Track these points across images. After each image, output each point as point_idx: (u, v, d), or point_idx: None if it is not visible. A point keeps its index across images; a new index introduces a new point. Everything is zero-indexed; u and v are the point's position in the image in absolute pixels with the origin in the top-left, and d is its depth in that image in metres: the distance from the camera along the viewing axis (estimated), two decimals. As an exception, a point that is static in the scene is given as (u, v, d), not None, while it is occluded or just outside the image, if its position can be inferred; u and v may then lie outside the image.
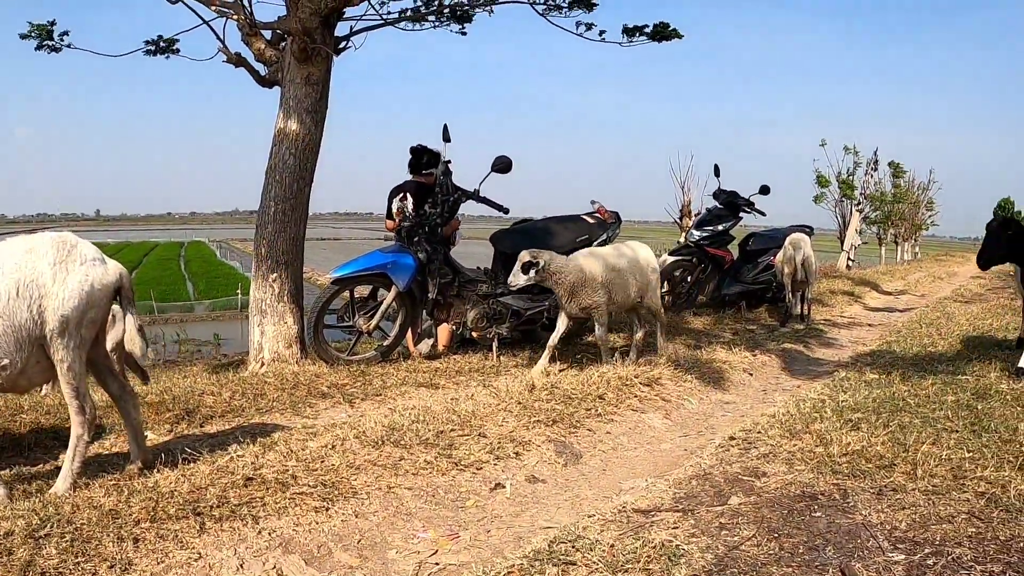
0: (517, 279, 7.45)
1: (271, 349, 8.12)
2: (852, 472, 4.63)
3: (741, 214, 12.83)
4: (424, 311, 8.68)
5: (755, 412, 6.72)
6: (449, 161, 8.37)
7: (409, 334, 8.82)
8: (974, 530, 3.79)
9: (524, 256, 7.42)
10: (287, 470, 4.71)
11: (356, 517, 4.35)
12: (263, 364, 8.08)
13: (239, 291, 44.41)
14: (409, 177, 8.94)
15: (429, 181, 8.69)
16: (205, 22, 8.62)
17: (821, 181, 32.93)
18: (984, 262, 7.92)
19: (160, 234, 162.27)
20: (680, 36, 9.30)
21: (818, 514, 4.05)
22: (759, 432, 5.51)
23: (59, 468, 4.68)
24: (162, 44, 9.33)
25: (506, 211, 8.68)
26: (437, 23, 9.99)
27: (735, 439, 5.44)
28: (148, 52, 9.36)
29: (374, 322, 8.32)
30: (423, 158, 8.78)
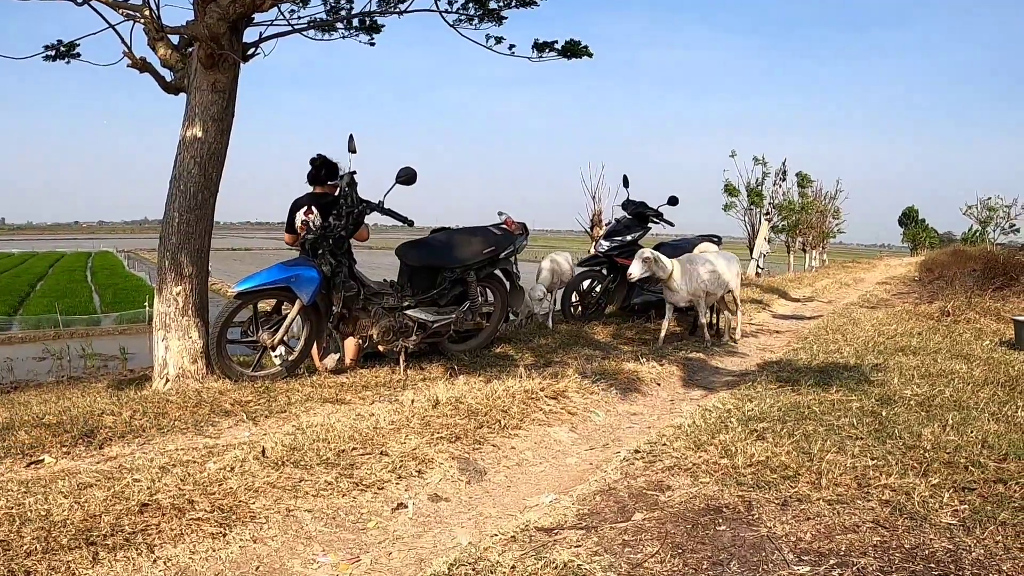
0: None
1: (176, 365, 7.93)
2: (757, 483, 4.64)
3: (650, 224, 12.93)
4: (329, 325, 8.55)
5: (662, 423, 6.72)
6: (355, 172, 8.26)
7: (315, 349, 8.70)
8: (879, 539, 3.82)
9: None
10: (184, 494, 4.56)
11: (254, 543, 4.22)
12: (167, 380, 7.89)
13: (147, 303, 43.63)
14: (309, 189, 8.82)
15: (330, 192, 8.59)
16: (111, 26, 8.39)
17: (730, 190, 33.42)
18: None
19: (67, 243, 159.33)
20: (590, 55, 9.25)
21: (722, 528, 4.04)
22: (664, 444, 5.51)
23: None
24: (62, 49, 9.06)
25: (411, 223, 8.59)
26: (346, 33, 9.88)
27: (640, 452, 5.43)
28: (47, 58, 9.09)
29: (278, 336, 8.19)
30: (322, 170, 8.67)
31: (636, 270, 10.15)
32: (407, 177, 8.23)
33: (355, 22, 9.82)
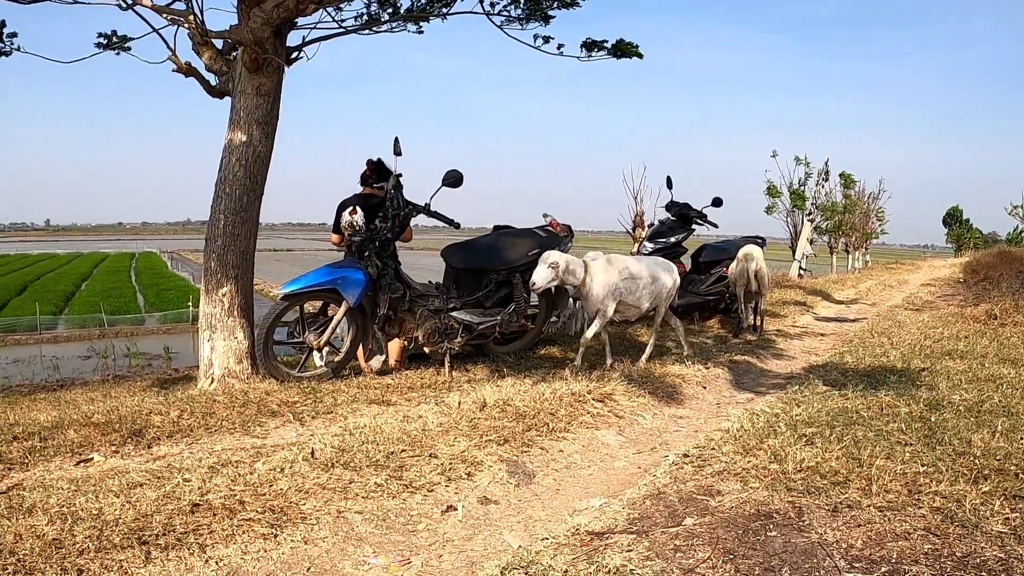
0: None
1: (221, 365, 8.01)
2: (807, 489, 4.59)
3: (693, 226, 12.86)
4: (375, 326, 8.60)
5: (709, 427, 6.68)
6: (400, 175, 8.31)
7: (360, 350, 8.74)
8: (930, 547, 3.78)
9: None
10: (235, 495, 4.60)
11: (305, 544, 4.24)
12: (213, 380, 7.97)
13: (190, 303, 44.17)
14: (359, 189, 8.86)
15: (378, 194, 8.63)
16: (155, 30, 8.47)
17: (772, 192, 33.20)
18: None
19: (111, 244, 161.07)
20: (640, 55, 9.20)
21: (773, 534, 4.01)
22: (713, 448, 5.46)
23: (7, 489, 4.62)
24: (115, 40, 9.13)
25: (457, 225, 8.62)
26: (393, 25, 9.88)
27: (689, 456, 5.39)
28: (99, 46, 9.16)
29: (324, 338, 8.25)
30: (375, 172, 8.72)
31: (540, 277, 8.33)
32: (454, 179, 8.24)
33: (401, 12, 9.81)
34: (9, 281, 66.61)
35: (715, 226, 13.09)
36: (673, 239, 12.55)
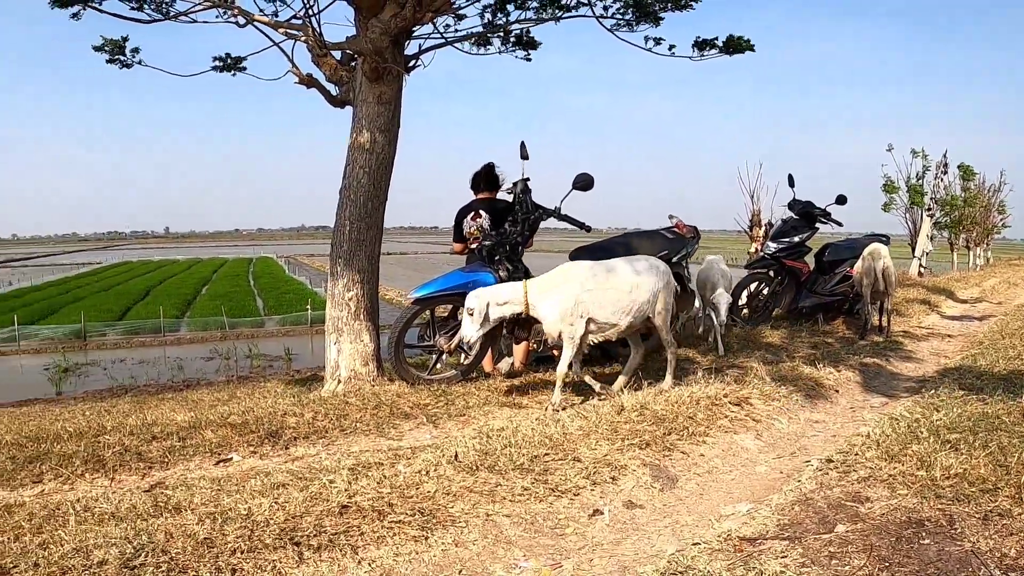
0: None
1: (348, 367, 8.16)
2: (956, 496, 4.49)
3: (817, 224, 12.67)
4: (504, 330, 8.65)
5: (846, 431, 6.60)
6: (528, 179, 8.35)
7: (488, 353, 8.80)
8: (1086, 557, 3.68)
9: None
10: (382, 497, 4.66)
11: (456, 546, 4.29)
12: (339, 382, 8.13)
13: (308, 307, 44.95)
14: (473, 196, 8.95)
15: (491, 197, 8.73)
16: (275, 43, 8.67)
17: (889, 188, 32.46)
18: None
19: (229, 250, 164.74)
20: (752, 48, 9.10)
21: (926, 541, 3.94)
22: (856, 454, 5.36)
23: (140, 490, 4.76)
24: (229, 61, 9.39)
25: (588, 229, 8.64)
26: (502, 48, 9.97)
27: (832, 462, 5.30)
28: (215, 68, 9.43)
29: (455, 341, 8.32)
30: (484, 178, 8.81)
31: (467, 332, 7.23)
32: (584, 183, 8.24)
33: (511, 37, 9.90)
34: (132, 287, 68.58)
35: (839, 224, 12.89)
36: (797, 238, 12.40)
